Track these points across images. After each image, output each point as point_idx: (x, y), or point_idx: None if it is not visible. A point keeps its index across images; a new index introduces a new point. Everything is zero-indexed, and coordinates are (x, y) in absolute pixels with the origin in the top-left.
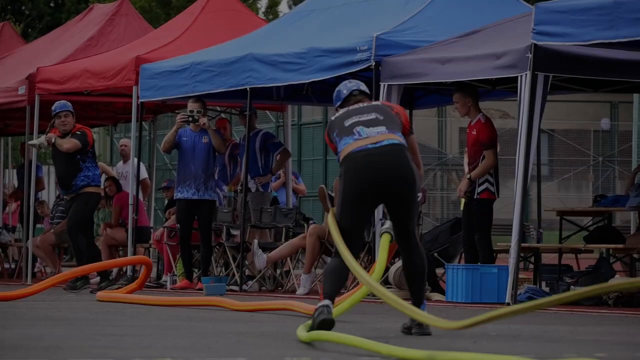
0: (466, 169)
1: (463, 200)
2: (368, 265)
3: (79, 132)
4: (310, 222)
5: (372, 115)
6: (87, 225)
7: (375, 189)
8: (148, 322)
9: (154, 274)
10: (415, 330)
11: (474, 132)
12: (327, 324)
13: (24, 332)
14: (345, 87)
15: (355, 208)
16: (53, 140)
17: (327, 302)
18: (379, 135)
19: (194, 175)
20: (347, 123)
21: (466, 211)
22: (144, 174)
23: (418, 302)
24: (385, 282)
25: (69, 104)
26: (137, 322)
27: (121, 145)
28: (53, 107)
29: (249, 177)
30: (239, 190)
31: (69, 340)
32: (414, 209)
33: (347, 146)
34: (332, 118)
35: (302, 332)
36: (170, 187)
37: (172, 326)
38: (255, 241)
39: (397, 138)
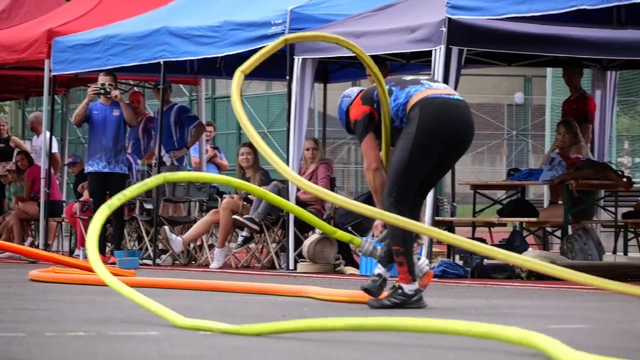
0: None
1: None
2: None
3: None
4: (224, 195)
5: (427, 77)
6: None
7: (448, 137)
8: (60, 297)
9: (66, 248)
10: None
11: None
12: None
13: None
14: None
15: (428, 152)
16: None
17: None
18: (448, 89)
19: (105, 148)
20: (408, 78)
21: None
22: (53, 148)
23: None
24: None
25: None
26: (50, 297)
27: (29, 121)
28: None
29: (164, 151)
30: (152, 164)
31: None
32: None
33: (420, 92)
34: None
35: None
36: (76, 162)
37: (86, 300)
38: (166, 228)
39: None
